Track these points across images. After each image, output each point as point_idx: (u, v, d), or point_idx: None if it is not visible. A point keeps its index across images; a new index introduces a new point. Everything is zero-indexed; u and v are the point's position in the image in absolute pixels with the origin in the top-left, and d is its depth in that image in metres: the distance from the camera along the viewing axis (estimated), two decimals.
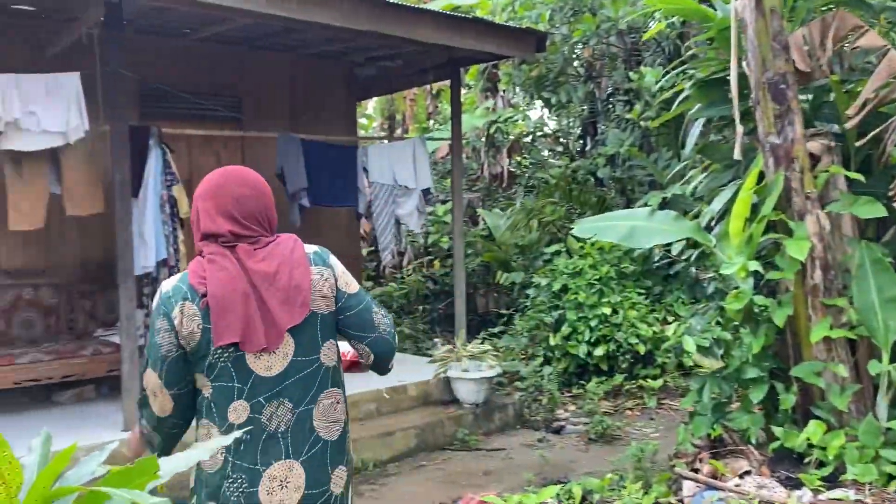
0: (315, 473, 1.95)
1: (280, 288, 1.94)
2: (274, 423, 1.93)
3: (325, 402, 1.99)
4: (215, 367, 1.91)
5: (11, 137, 4.73)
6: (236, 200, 1.98)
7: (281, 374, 1.93)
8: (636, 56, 9.43)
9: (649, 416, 6.85)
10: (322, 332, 1.99)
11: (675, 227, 4.25)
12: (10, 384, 5.38)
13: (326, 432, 1.99)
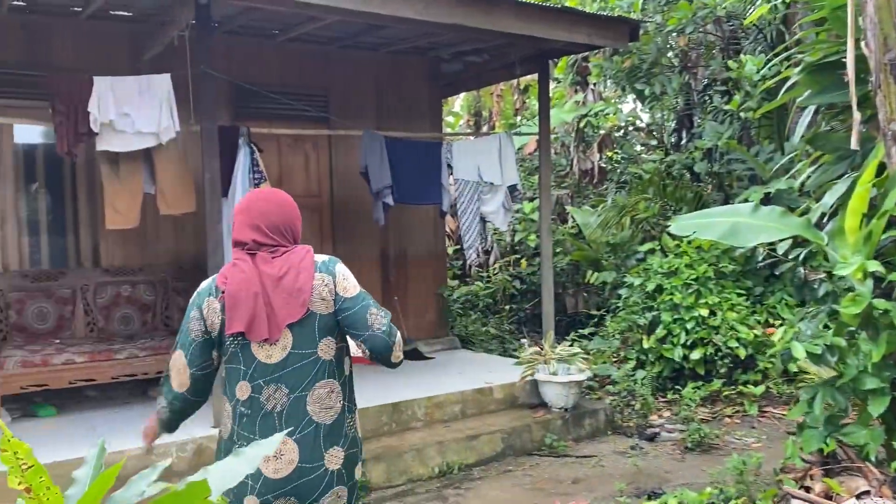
0: (307, 450, 2.27)
1: (284, 289, 2.28)
2: (271, 404, 2.28)
3: (319, 391, 2.31)
4: (227, 351, 2.31)
5: (107, 138, 4.86)
6: (262, 214, 2.35)
7: (280, 363, 2.28)
8: (735, 44, 8.96)
9: (750, 425, 6.46)
10: (320, 330, 2.31)
11: (782, 224, 3.92)
12: (108, 379, 5.55)
13: (319, 416, 2.30)
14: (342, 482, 2.34)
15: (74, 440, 4.90)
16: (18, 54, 5.93)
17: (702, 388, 6.97)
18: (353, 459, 2.39)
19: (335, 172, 7.45)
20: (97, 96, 4.76)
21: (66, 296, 6.05)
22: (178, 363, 2.34)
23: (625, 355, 7.76)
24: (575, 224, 10.56)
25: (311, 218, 7.37)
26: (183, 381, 2.35)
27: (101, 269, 6.25)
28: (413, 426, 5.76)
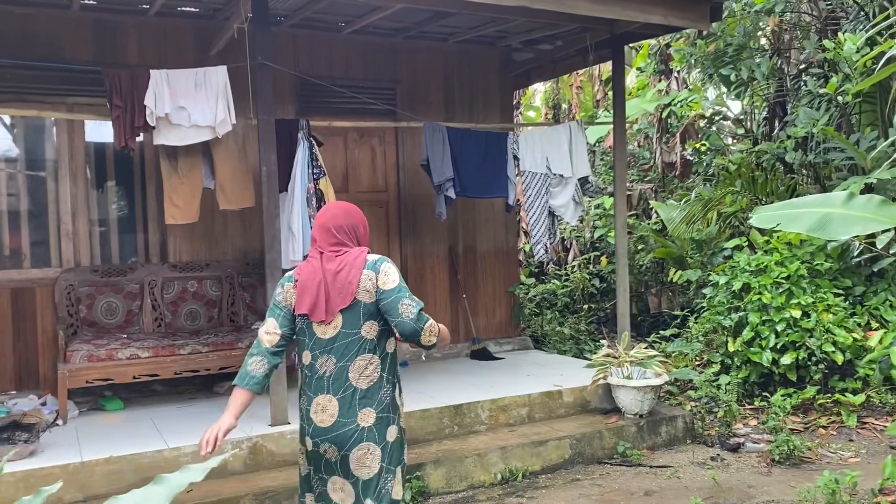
0: (345, 408, 2.87)
1: (338, 282, 2.89)
2: (322, 370, 2.90)
3: (359, 362, 2.89)
4: (298, 326, 2.97)
5: (164, 132, 4.83)
6: (331, 219, 2.99)
7: (331, 339, 2.90)
8: (833, 24, 8.28)
9: (847, 437, 5.90)
10: (364, 315, 2.90)
11: (881, 215, 3.47)
12: (170, 374, 5.56)
13: (358, 382, 2.89)
14: (372, 439, 2.88)
15: (132, 436, 4.89)
16: (88, 52, 6.02)
17: (793, 395, 6.44)
18: (385, 422, 2.92)
19: (402, 167, 7.29)
20: (153, 90, 4.74)
21: (134, 291, 6.11)
22: (269, 325, 2.98)
23: (708, 359, 7.28)
24: (658, 219, 10.06)
25: (376, 213, 7.24)
26: (272, 338, 2.96)
27: (168, 265, 6.29)
28: (476, 430, 5.51)
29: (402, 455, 3.01)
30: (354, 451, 2.85)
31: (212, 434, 2.89)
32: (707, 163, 9.77)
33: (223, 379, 6.13)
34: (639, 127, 11.24)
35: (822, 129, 7.08)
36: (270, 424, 5.00)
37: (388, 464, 2.91)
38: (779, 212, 3.85)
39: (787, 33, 8.33)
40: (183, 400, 5.94)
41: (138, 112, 4.74)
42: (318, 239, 2.98)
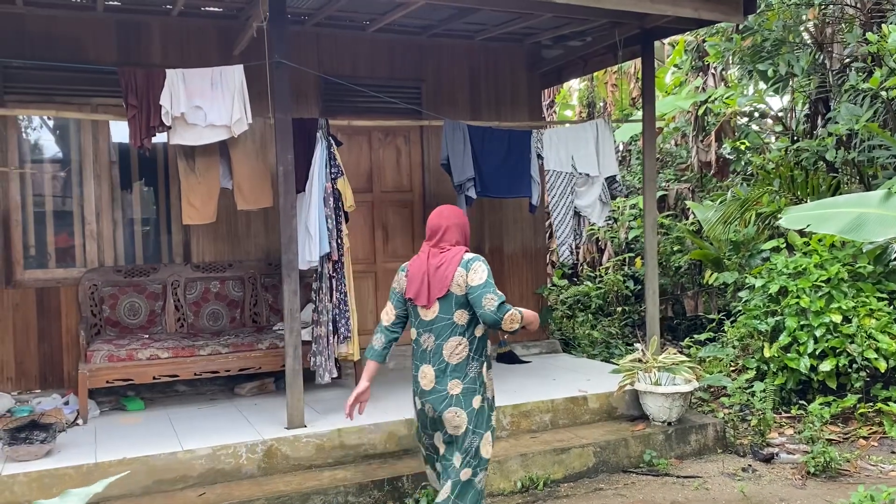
0: (439, 377, 3.57)
1: (438, 275, 3.57)
2: (425, 345, 3.62)
3: (451, 342, 3.56)
4: (408, 308, 3.70)
5: (179, 132, 4.80)
6: (437, 219, 3.70)
7: (431, 321, 3.59)
8: (878, 17, 7.93)
9: (890, 449, 5.62)
10: (455, 304, 3.56)
11: None
12: (190, 375, 5.54)
13: (450, 358, 3.57)
14: (459, 405, 3.56)
15: (149, 437, 4.87)
16: (112, 53, 6.05)
17: (832, 404, 6.16)
18: (471, 392, 3.58)
19: (427, 167, 7.19)
20: (169, 89, 4.71)
21: (156, 291, 6.12)
22: (388, 307, 3.76)
23: (743, 364, 7.01)
24: (695, 220, 9.79)
25: (401, 214, 7.14)
26: (389, 316, 3.75)
27: (191, 265, 6.28)
28: (498, 436, 5.37)
29: (490, 421, 3.69)
30: (445, 413, 3.56)
31: (352, 399, 3.84)
32: (745, 161, 9.46)
33: (244, 380, 6.11)
34: (676, 125, 10.96)
35: (864, 125, 6.76)
36: (286, 427, 4.94)
37: (474, 427, 3.60)
38: (810, 212, 3.66)
39: (830, 27, 7.99)
40: (204, 401, 5.93)
41: (154, 112, 4.72)
42: (427, 237, 3.72)
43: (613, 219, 10.78)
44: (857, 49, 7.62)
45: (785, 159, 8.23)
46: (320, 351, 5.38)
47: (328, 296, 5.37)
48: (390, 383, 6.32)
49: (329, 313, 5.37)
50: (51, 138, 6.25)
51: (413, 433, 4.03)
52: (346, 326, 5.43)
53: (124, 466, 4.41)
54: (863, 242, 6.03)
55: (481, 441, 3.61)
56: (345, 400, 5.71)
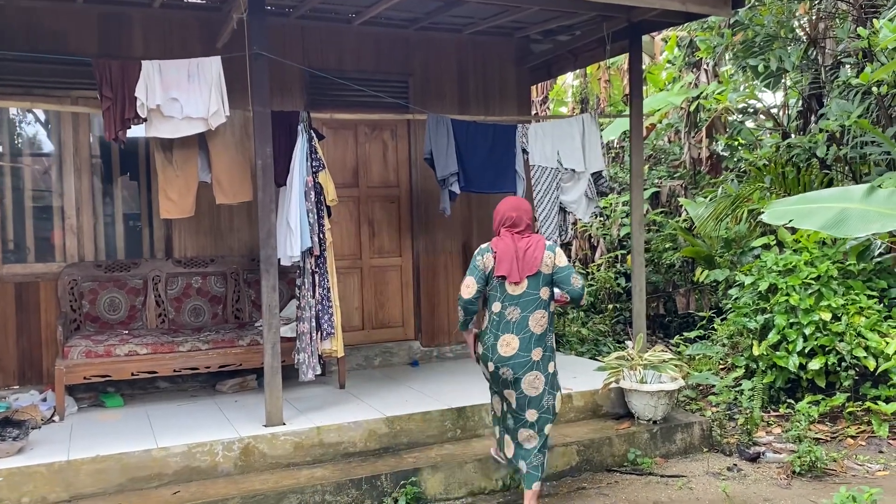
0: (524, 345, 4.11)
1: (528, 256, 4.12)
2: (510, 317, 4.13)
3: (536, 314, 4.14)
4: (492, 283, 4.17)
5: (156, 125, 4.72)
6: (517, 208, 4.29)
7: (518, 295, 4.12)
8: (872, 12, 7.86)
9: (878, 449, 5.56)
10: (542, 282, 4.15)
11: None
12: (169, 371, 5.46)
13: (534, 329, 4.13)
14: (539, 369, 4.18)
15: (125, 434, 4.80)
16: (93, 45, 5.96)
17: (821, 402, 6.10)
18: (548, 359, 4.23)
19: (415, 162, 7.10)
20: (145, 81, 4.63)
21: (137, 286, 6.04)
22: (469, 281, 4.18)
23: (732, 362, 6.95)
24: (687, 217, 9.71)
25: (388, 209, 7.07)
26: (471, 290, 4.16)
27: (172, 260, 6.20)
28: (479, 433, 5.31)
29: (558, 383, 4.34)
30: (527, 375, 4.14)
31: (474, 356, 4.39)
32: (738, 158, 9.38)
33: (226, 377, 6.04)
34: (668, 121, 10.88)
35: (856, 121, 6.69)
36: (265, 425, 4.87)
37: (549, 388, 4.25)
38: (792, 207, 3.60)
39: (823, 22, 7.91)
40: (185, 398, 5.86)
41: (129, 104, 4.64)
42: (506, 224, 4.24)
43: (605, 216, 10.72)
44: (849, 44, 7.54)
45: (776, 156, 8.15)
46: (303, 348, 5.30)
47: (311, 292, 5.29)
48: (373, 381, 6.26)
49: (312, 309, 5.30)
50: (31, 131, 6.17)
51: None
52: (330, 323, 5.35)
53: (97, 464, 4.34)
54: (846, 238, 5.94)
55: (555, 400, 4.31)
56: (327, 398, 5.70)
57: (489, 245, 4.22)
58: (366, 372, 6.66)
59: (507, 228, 4.23)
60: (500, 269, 4.12)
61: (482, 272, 4.16)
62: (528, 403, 4.19)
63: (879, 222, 3.23)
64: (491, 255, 4.17)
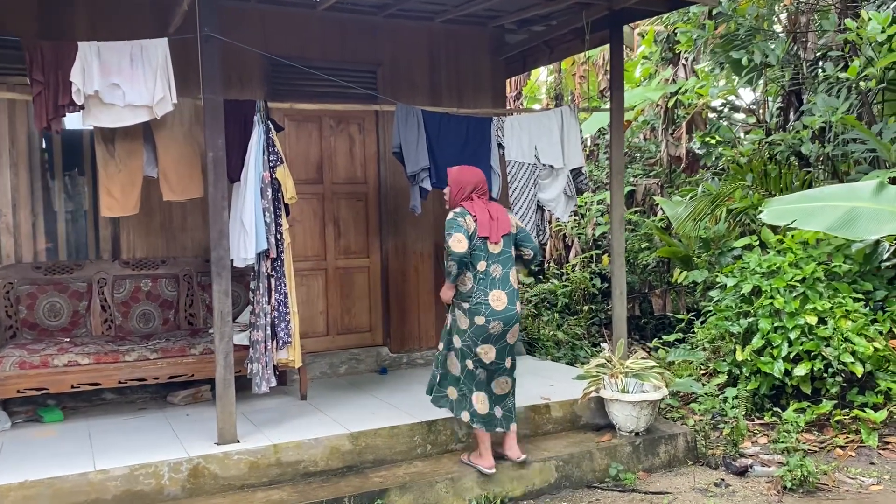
0: (511, 300, 4.46)
1: (500, 218, 4.50)
2: (494, 274, 4.44)
3: (512, 271, 4.53)
4: (476, 244, 4.41)
5: (94, 113, 4.27)
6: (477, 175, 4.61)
7: (499, 253, 4.46)
8: (853, 6, 7.64)
9: (868, 460, 5.30)
10: (511, 241, 4.56)
11: None
12: (114, 383, 5.01)
13: (513, 283, 4.51)
14: (519, 320, 4.50)
15: (61, 455, 4.35)
16: (34, 29, 5.47)
17: (807, 410, 5.84)
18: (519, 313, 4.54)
19: (383, 158, 6.71)
20: (81, 64, 4.18)
21: (80, 290, 5.57)
22: (460, 237, 4.31)
23: (714, 368, 6.67)
24: (664, 216, 9.45)
25: (354, 207, 6.67)
26: (463, 245, 4.30)
27: (120, 262, 5.74)
28: (452, 448, 4.94)
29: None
30: (514, 326, 4.45)
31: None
32: (716, 156, 9.13)
33: (178, 387, 5.60)
34: (644, 118, 10.61)
35: (841, 117, 6.44)
36: (217, 443, 4.45)
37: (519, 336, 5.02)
38: (794, 205, 3.29)
39: (805, 15, 7.67)
40: (132, 410, 5.41)
41: (63, 89, 4.18)
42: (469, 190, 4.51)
43: (580, 215, 10.43)
44: (832, 38, 7.31)
45: (758, 153, 7.90)
46: (257, 358, 4.89)
47: (266, 297, 4.88)
48: (338, 391, 5.86)
49: (267, 316, 4.88)
50: None
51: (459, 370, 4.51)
52: (286, 331, 4.94)
53: (26, 490, 3.90)
54: (847, 240, 5.65)
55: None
56: (287, 411, 5.29)
57: (463, 209, 4.42)
58: (330, 381, 6.26)
59: (478, 196, 4.50)
60: (483, 230, 4.37)
61: (466, 231, 4.33)
62: (507, 351, 4.49)
63: (894, 223, 2.93)
64: (471, 218, 4.38)
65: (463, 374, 4.48)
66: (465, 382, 4.49)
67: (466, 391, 4.49)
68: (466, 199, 4.48)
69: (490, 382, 4.51)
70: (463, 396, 4.50)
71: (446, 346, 4.59)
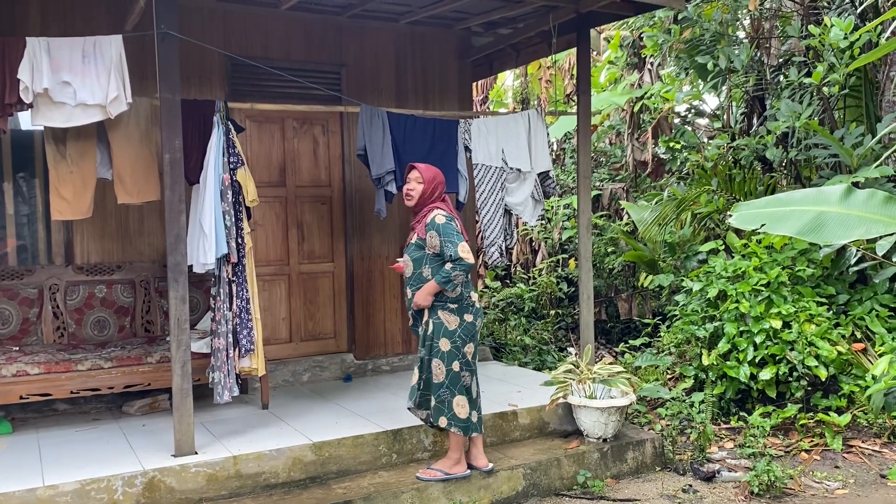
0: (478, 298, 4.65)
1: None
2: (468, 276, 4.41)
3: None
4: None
5: (43, 111, 4.09)
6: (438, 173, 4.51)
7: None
8: (814, 13, 7.72)
9: (833, 463, 5.32)
10: None
11: (888, 215, 2.86)
12: (66, 393, 4.81)
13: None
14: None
15: (7, 470, 4.15)
16: None
17: (773, 414, 5.85)
18: None
19: (348, 160, 6.59)
20: (30, 60, 3.99)
21: (31, 296, 5.35)
22: (466, 246, 4.27)
23: (681, 372, 6.67)
24: (630, 221, 9.47)
25: (318, 211, 6.54)
26: (471, 254, 4.24)
27: (73, 267, 5.53)
28: (418, 457, 4.84)
29: None
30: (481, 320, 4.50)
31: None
32: (681, 161, 9.17)
33: (134, 397, 5.41)
34: (610, 123, 10.64)
35: (804, 122, 6.49)
36: (174, 455, 4.29)
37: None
38: (763, 210, 3.25)
39: (768, 21, 7.74)
40: (85, 421, 5.20)
41: (10, 87, 3.99)
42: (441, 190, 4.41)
43: (547, 219, 10.40)
44: (795, 45, 7.37)
45: (723, 157, 7.94)
46: (219, 366, 4.73)
47: (227, 303, 4.73)
48: (301, 400, 5.72)
49: (228, 323, 4.73)
50: None
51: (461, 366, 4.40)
52: (249, 338, 4.79)
53: None
54: (813, 245, 5.70)
55: None
56: (248, 420, 5.14)
57: (449, 213, 4.34)
58: (293, 389, 6.11)
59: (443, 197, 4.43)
60: (465, 232, 4.39)
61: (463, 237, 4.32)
62: (477, 351, 4.51)
63: (862, 227, 2.91)
64: (458, 223, 4.37)
65: (447, 378, 4.33)
66: (448, 386, 4.33)
67: (448, 396, 4.34)
68: (439, 201, 4.40)
69: (469, 385, 4.40)
70: (442, 403, 4.35)
71: (427, 353, 4.38)
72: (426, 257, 4.35)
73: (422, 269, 4.37)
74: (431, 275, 4.33)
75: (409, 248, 4.43)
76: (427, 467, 4.58)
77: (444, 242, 4.23)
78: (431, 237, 4.30)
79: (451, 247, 4.20)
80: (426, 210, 4.39)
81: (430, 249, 4.33)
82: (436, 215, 4.30)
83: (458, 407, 4.35)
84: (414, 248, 4.40)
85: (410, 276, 4.42)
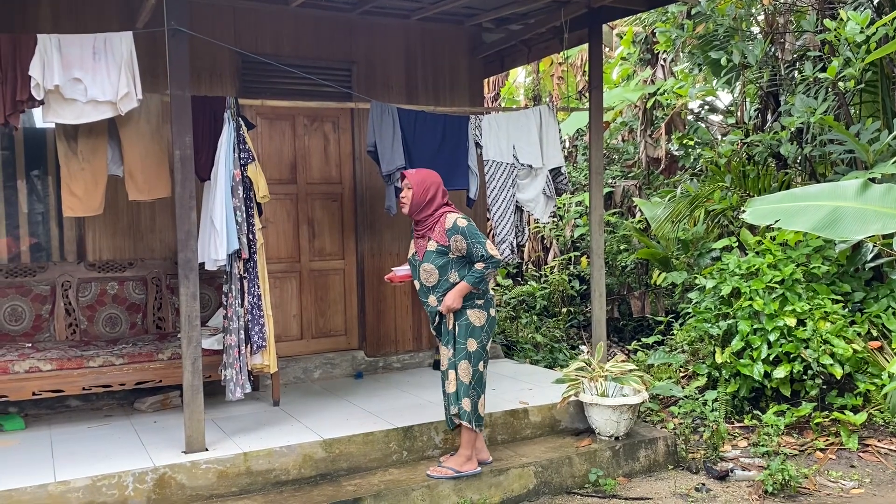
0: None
1: None
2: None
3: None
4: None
5: (55, 108, 4.10)
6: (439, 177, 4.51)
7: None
8: (830, 8, 7.63)
9: (849, 463, 5.26)
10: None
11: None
12: (78, 390, 4.83)
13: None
14: None
15: (21, 465, 4.17)
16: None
17: (787, 412, 5.79)
18: None
19: (359, 157, 6.58)
20: (41, 57, 4.00)
21: (44, 293, 5.38)
22: (492, 244, 4.36)
23: (694, 370, 6.61)
24: (642, 218, 9.41)
25: (329, 208, 6.53)
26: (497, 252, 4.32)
27: (85, 264, 5.55)
28: (428, 455, 4.82)
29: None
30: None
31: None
32: (694, 157, 9.10)
33: (146, 394, 5.42)
34: (623, 120, 10.57)
35: (820, 118, 6.42)
36: (184, 451, 4.29)
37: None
38: (777, 205, 3.20)
39: (783, 16, 7.66)
40: (97, 418, 5.22)
41: (22, 84, 4.01)
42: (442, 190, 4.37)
43: (559, 216, 10.36)
44: (810, 39, 7.29)
45: (737, 154, 7.87)
46: (231, 363, 4.73)
47: (239, 300, 4.73)
48: (311, 397, 5.71)
49: (240, 320, 4.73)
50: None
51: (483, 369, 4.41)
52: (261, 335, 4.79)
53: None
54: (827, 241, 5.64)
55: None
56: (259, 417, 5.14)
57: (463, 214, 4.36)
58: (304, 386, 6.11)
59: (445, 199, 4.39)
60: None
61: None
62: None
63: (879, 223, 2.86)
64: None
65: (474, 379, 4.31)
66: (475, 387, 4.32)
67: (475, 397, 4.34)
68: (446, 205, 4.35)
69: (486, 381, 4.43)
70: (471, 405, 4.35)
71: (456, 356, 4.31)
72: (451, 262, 4.26)
73: (448, 275, 4.27)
74: (459, 278, 4.27)
75: (429, 255, 4.28)
76: (438, 464, 4.56)
77: (473, 244, 4.19)
78: (456, 241, 4.21)
79: (479, 247, 4.19)
80: (438, 215, 4.29)
81: (454, 253, 4.25)
82: (456, 219, 4.24)
83: (481, 407, 4.37)
84: (436, 256, 4.26)
85: (436, 283, 4.30)
